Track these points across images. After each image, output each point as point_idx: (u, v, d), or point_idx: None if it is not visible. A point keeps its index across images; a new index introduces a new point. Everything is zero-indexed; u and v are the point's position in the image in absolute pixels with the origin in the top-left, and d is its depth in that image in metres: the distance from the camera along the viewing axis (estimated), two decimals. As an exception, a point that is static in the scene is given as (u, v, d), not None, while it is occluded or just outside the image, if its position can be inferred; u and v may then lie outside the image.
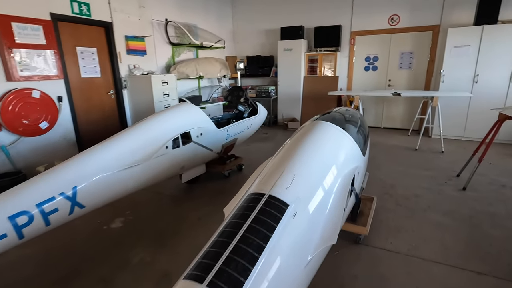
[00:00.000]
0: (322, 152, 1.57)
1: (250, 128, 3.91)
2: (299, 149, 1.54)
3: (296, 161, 1.44)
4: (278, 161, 1.48)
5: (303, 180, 1.35)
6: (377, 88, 6.04)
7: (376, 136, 5.45)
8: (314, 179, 1.39)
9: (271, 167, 1.45)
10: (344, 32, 6.05)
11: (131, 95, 4.53)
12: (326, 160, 1.54)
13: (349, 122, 2.20)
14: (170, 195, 3.12)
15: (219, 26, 6.63)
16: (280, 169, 1.40)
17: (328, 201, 1.38)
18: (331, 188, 1.44)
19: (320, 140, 1.66)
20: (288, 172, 1.37)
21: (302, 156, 1.48)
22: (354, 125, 2.22)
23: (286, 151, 1.56)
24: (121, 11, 4.29)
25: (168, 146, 2.63)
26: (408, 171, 3.62)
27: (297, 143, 1.61)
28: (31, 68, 3.23)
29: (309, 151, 1.53)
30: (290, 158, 1.47)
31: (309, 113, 6.33)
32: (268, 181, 1.32)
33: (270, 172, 1.39)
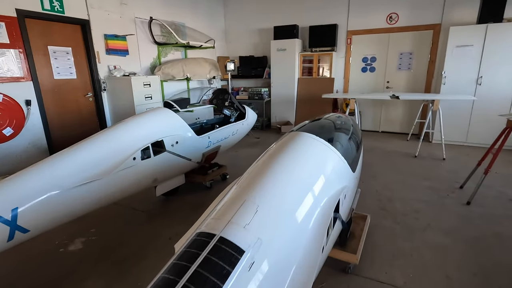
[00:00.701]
0: (299, 173, 1.28)
1: (236, 134, 3.62)
2: (270, 170, 1.25)
3: (264, 186, 1.15)
4: (241, 186, 1.19)
5: (269, 213, 1.06)
6: (375, 90, 5.75)
7: (374, 141, 5.15)
8: (285, 211, 1.10)
9: (231, 195, 1.15)
10: (340, 31, 5.76)
11: (111, 98, 4.25)
12: (303, 184, 1.25)
13: (339, 133, 1.91)
14: (143, 209, 2.83)
15: (210, 25, 6.35)
16: (241, 198, 1.10)
17: (301, 240, 1.09)
18: (306, 222, 1.14)
19: (297, 157, 1.36)
20: (251, 202, 1.08)
21: (272, 179, 1.19)
22: (344, 137, 1.93)
23: (253, 172, 1.27)
24: (99, 8, 4.00)
25: (137, 157, 2.33)
26: (407, 181, 3.33)
27: (268, 162, 1.32)
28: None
29: (281, 173, 1.24)
30: (256, 183, 1.17)
31: (304, 116, 6.04)
32: (222, 216, 1.03)
33: (229, 203, 1.10)
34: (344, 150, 1.75)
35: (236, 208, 1.06)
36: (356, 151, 2.12)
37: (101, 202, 2.14)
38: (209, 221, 1.04)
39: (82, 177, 1.99)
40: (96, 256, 2.12)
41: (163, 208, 2.86)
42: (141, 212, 2.78)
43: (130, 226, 2.52)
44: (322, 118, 2.41)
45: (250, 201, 1.08)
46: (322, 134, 1.73)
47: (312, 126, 1.87)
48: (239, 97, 6.40)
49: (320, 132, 1.77)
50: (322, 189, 1.31)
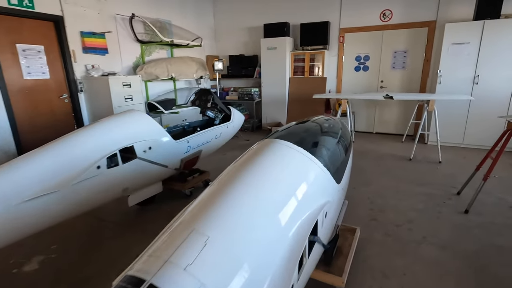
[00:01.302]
0: (267, 192, 1.06)
1: (219, 137, 3.39)
2: (229, 189, 1.03)
3: (219, 210, 0.93)
4: (192, 211, 0.96)
5: (222, 247, 0.84)
6: (369, 90, 5.56)
7: (367, 143, 4.96)
8: (243, 243, 0.88)
9: (178, 221, 0.93)
10: (332, 29, 5.56)
11: (89, 99, 4.00)
12: (271, 206, 1.03)
13: (323, 139, 1.69)
14: (114, 221, 2.59)
15: (198, 23, 6.11)
16: (188, 227, 0.88)
17: (264, 280, 0.87)
18: (271, 255, 0.92)
19: (267, 173, 1.14)
20: (199, 233, 0.86)
21: (231, 202, 0.97)
22: (330, 143, 1.72)
23: (208, 193, 1.04)
24: (74, 3, 3.75)
25: (101, 165, 2.10)
26: (401, 187, 3.13)
27: (229, 179, 1.10)
28: None
29: (244, 193, 1.02)
30: (209, 206, 0.95)
31: (296, 117, 5.83)
32: (160, 253, 0.81)
33: (172, 233, 0.88)
34: (328, 159, 1.54)
35: (180, 241, 0.83)
36: (344, 159, 1.91)
37: (58, 217, 1.91)
38: (143, 259, 0.82)
39: (33, 190, 1.76)
40: (53, 277, 1.88)
41: (136, 219, 2.63)
42: (112, 224, 2.55)
43: (97, 241, 2.29)
44: (308, 121, 2.20)
45: (198, 232, 0.86)
46: (303, 141, 1.51)
47: (292, 131, 1.65)
48: (229, 97, 6.17)
49: (301, 138, 1.55)
50: (295, 210, 1.09)
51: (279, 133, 1.58)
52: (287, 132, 1.61)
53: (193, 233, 0.85)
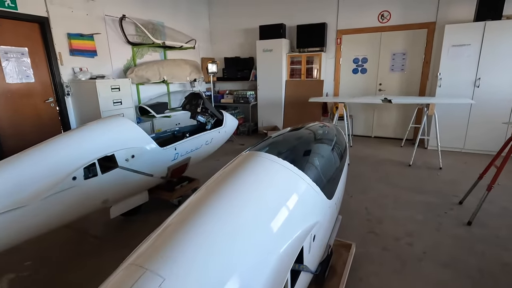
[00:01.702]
0: (241, 219, 0.91)
1: (210, 143, 3.25)
2: (197, 215, 0.88)
3: (179, 246, 0.78)
4: (147, 246, 0.82)
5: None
6: (367, 93, 5.42)
7: (365, 148, 4.81)
8: (208, 284, 0.73)
9: (130, 261, 0.78)
10: (329, 30, 5.43)
11: (77, 103, 3.86)
12: (245, 236, 0.88)
13: (315, 150, 1.55)
14: (96, 234, 2.44)
15: (193, 25, 5.99)
16: (142, 265, 0.73)
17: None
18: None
19: (244, 193, 1.00)
20: (153, 273, 0.71)
21: (195, 232, 0.82)
22: (322, 154, 1.58)
23: (173, 221, 0.90)
24: (60, 4, 3.62)
25: (78, 176, 1.96)
26: (400, 196, 2.98)
27: (201, 202, 0.95)
28: None
29: (214, 221, 0.87)
30: (167, 242, 0.80)
31: (292, 120, 5.69)
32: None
33: (118, 278, 0.73)
34: (320, 172, 1.40)
35: (129, 284, 0.69)
36: (338, 169, 1.77)
37: (29, 233, 1.77)
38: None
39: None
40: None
41: (120, 231, 2.48)
42: (93, 237, 2.40)
43: (76, 257, 2.14)
44: (301, 129, 2.06)
45: (152, 272, 0.71)
46: (290, 153, 1.37)
47: (277, 141, 1.51)
48: (224, 100, 6.03)
49: (287, 150, 1.41)
50: (275, 238, 0.94)
51: (263, 144, 1.43)
52: (272, 143, 1.47)
53: (145, 274, 0.71)
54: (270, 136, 1.66)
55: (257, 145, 1.44)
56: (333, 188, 1.57)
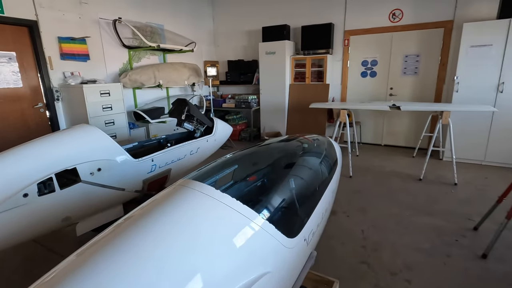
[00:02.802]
0: (144, 276, 0.66)
1: (196, 153, 3.03)
2: (90, 269, 0.64)
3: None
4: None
5: None
6: (377, 98, 5.03)
7: (372, 157, 4.43)
8: None
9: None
10: (336, 31, 5.09)
11: (67, 109, 3.76)
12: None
13: (284, 170, 1.29)
14: (64, 252, 2.27)
15: (196, 27, 5.83)
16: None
17: None
18: None
19: (161, 243, 0.75)
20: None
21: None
22: (294, 176, 1.31)
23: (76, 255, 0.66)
24: (50, 7, 3.53)
25: (30, 192, 1.78)
26: (405, 217, 2.62)
27: (97, 249, 0.71)
28: None
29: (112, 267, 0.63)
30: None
31: (296, 126, 5.39)
32: None
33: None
34: (283, 202, 1.13)
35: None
36: (317, 193, 1.49)
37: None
38: None
39: None
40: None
41: (89, 249, 2.29)
42: (59, 256, 2.22)
43: (33, 277, 1.96)
44: (278, 142, 1.80)
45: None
46: (241, 180, 1.11)
47: (230, 162, 1.25)
48: (226, 105, 5.82)
49: (238, 177, 1.15)
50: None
51: (206, 169, 1.18)
52: (218, 167, 1.21)
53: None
54: (226, 156, 1.41)
55: (202, 169, 1.19)
56: (303, 219, 1.29)
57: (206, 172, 1.13)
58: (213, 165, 1.24)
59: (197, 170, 1.19)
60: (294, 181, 1.34)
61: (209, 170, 1.15)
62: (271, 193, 1.14)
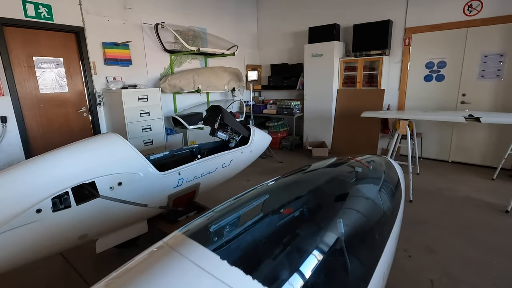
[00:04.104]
0: None
1: (229, 165, 2.73)
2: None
3: None
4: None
5: None
6: (444, 106, 4.26)
7: (437, 177, 3.71)
8: None
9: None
10: (395, 29, 4.46)
11: (108, 113, 3.78)
12: None
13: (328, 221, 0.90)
14: (84, 269, 2.13)
15: (239, 30, 5.64)
16: None
17: None
18: None
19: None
20: None
21: None
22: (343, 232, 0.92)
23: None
24: (96, 13, 3.58)
25: (44, 208, 1.63)
26: (491, 266, 1.99)
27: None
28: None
29: None
30: None
31: (343, 137, 4.84)
32: None
33: None
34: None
35: None
36: (381, 241, 1.07)
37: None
38: None
39: None
40: None
41: (109, 267, 2.13)
42: (79, 273, 2.08)
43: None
44: (335, 164, 1.42)
45: None
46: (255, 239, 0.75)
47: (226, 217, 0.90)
48: (267, 111, 5.50)
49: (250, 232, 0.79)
50: None
51: (215, 216, 0.84)
52: (229, 214, 0.86)
53: None
54: (238, 198, 1.05)
55: (209, 215, 0.85)
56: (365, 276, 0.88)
57: (213, 221, 0.80)
58: (228, 207, 0.90)
59: (202, 216, 0.86)
60: (346, 232, 0.94)
61: (218, 218, 0.82)
62: (309, 262, 0.76)
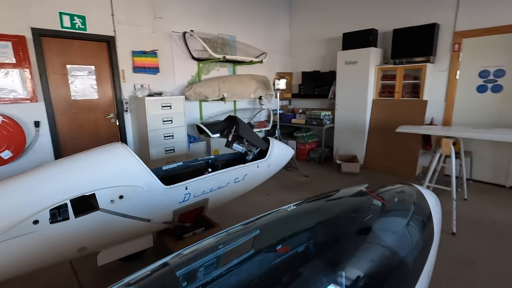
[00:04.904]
0: None
1: (242, 180, 2.56)
2: None
3: None
4: None
5: None
6: (500, 122, 3.66)
7: (489, 204, 3.15)
8: None
9: None
10: (442, 33, 3.97)
11: (134, 120, 3.85)
12: None
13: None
14: (87, 282, 2.09)
15: (270, 37, 5.51)
16: None
17: None
18: None
19: None
20: None
21: None
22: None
23: None
24: (128, 23, 3.69)
25: (41, 219, 1.61)
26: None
27: None
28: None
29: None
30: None
31: (377, 151, 4.41)
32: None
33: None
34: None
35: None
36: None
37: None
38: None
39: None
40: None
41: (110, 279, 2.07)
42: (77, 283, 2.05)
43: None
44: (331, 198, 1.20)
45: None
46: None
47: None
48: (296, 121, 5.25)
49: None
50: None
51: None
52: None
53: None
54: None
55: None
56: None
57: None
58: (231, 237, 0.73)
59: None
60: (366, 273, 0.71)
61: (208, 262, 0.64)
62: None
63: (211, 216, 2.78)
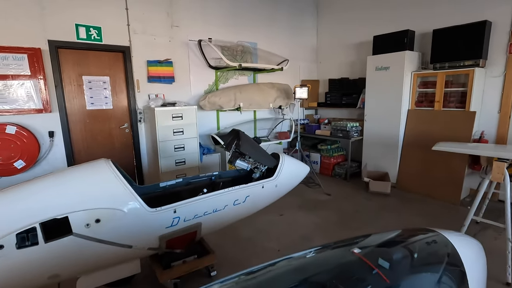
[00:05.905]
0: None
1: (243, 203, 2.27)
2: None
3: None
4: None
5: None
6: None
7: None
8: None
9: None
10: (495, 32, 3.35)
11: (147, 130, 3.78)
12: None
13: None
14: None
15: (295, 43, 5.21)
16: None
17: None
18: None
19: None
20: None
21: None
22: None
23: None
24: (143, 33, 3.65)
25: (6, 244, 1.48)
26: None
27: None
28: (9, 101, 2.91)
29: None
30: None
31: (413, 169, 3.84)
32: None
33: None
34: None
35: None
36: None
37: None
38: None
39: None
40: None
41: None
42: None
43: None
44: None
45: None
46: None
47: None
48: (320, 132, 4.85)
49: None
50: None
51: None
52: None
53: None
54: None
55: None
56: None
57: None
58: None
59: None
60: None
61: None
62: None
63: (210, 236, 2.53)
